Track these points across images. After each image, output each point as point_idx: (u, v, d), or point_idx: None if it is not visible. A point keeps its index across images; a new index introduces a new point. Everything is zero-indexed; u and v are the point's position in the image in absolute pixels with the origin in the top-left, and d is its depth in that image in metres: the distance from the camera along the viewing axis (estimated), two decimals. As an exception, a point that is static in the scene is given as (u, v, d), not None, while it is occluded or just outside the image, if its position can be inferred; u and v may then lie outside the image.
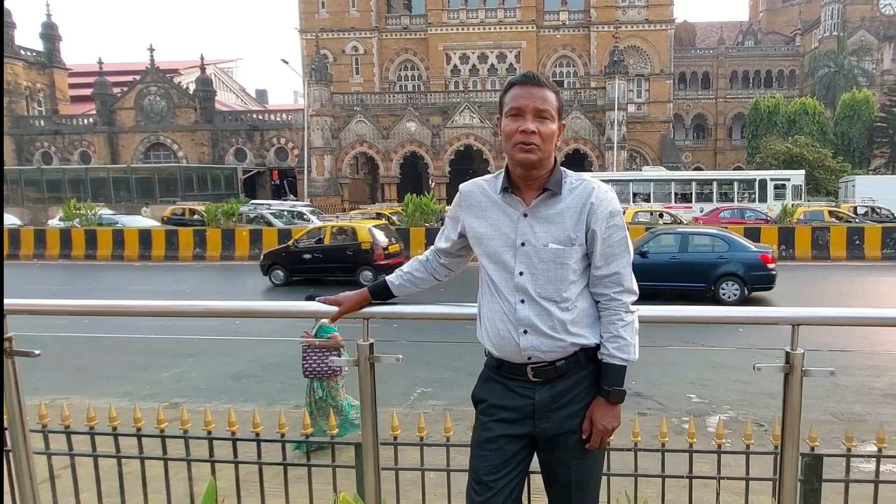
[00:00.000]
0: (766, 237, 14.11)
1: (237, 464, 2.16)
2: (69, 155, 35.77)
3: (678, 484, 2.13)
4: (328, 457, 2.17)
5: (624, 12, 35.39)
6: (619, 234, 1.36)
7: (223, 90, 48.29)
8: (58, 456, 2.20)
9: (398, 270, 1.60)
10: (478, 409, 1.45)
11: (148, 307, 1.73)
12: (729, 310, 1.59)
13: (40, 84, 38.13)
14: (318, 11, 36.34)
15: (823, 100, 35.17)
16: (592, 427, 1.35)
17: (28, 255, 16.18)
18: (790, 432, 1.41)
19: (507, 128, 1.34)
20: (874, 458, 1.96)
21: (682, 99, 41.46)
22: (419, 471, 2.11)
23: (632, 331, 1.36)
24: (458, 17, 35.96)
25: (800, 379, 1.38)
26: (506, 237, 1.36)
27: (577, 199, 1.34)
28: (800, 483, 1.96)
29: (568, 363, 1.36)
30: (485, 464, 1.37)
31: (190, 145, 35.64)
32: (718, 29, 45.87)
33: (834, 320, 1.56)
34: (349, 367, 1.57)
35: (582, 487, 1.40)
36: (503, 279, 1.36)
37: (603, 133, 29.88)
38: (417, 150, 30.92)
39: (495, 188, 1.40)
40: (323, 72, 30.60)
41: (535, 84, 1.33)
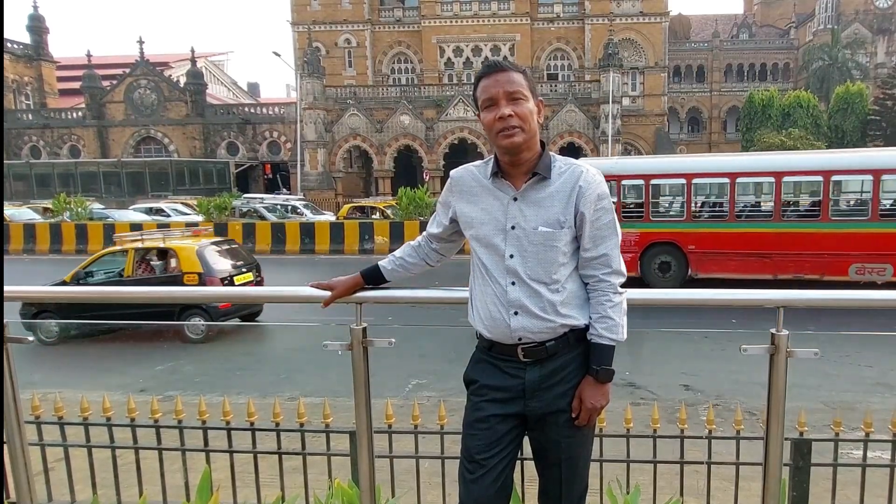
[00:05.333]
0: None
1: (232, 453, 2.16)
2: (58, 149, 35.33)
3: (670, 470, 2.16)
4: (323, 445, 2.17)
5: (618, 5, 35.29)
6: (607, 217, 1.38)
7: (214, 83, 47.81)
8: (52, 447, 2.20)
9: (391, 255, 1.62)
10: (469, 389, 1.47)
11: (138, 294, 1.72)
12: (716, 292, 1.60)
13: (28, 77, 37.59)
14: (311, 3, 35.98)
15: (818, 93, 35.32)
16: (581, 405, 1.38)
17: (18, 250, 16.02)
18: (776, 413, 1.44)
19: (485, 120, 1.36)
20: (861, 442, 1.99)
21: (677, 92, 41.50)
22: (414, 458, 2.13)
23: (620, 312, 1.39)
24: (451, 10, 35.72)
25: (784, 360, 1.41)
26: (496, 221, 1.38)
27: (565, 183, 1.36)
28: (788, 467, 1.99)
29: (558, 343, 1.38)
30: (476, 442, 1.40)
31: (181, 139, 35.30)
32: (713, 22, 45.86)
33: (819, 303, 1.58)
34: (342, 351, 1.57)
35: (572, 465, 1.43)
36: (494, 262, 1.38)
37: (597, 126, 29.88)
38: (411, 144, 30.81)
39: (485, 173, 1.42)
40: (315, 65, 30.34)
41: (499, 70, 1.35)
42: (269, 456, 2.19)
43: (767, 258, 8.95)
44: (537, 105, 1.37)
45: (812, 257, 8.80)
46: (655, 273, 9.39)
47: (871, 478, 1.99)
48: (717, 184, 9.52)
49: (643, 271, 9.38)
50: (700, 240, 9.18)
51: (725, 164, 9.84)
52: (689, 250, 9.20)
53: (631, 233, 9.13)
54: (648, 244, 9.32)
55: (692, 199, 9.34)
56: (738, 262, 9.08)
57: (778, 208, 8.92)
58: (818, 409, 4.18)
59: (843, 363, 5.37)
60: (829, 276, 8.71)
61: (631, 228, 9.12)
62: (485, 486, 1.37)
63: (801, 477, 2.03)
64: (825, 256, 8.72)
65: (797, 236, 8.85)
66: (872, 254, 8.56)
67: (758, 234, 9.04)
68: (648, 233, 9.33)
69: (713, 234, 9.19)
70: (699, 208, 9.64)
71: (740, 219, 9.18)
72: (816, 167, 9.05)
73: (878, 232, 8.51)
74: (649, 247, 9.34)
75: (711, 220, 9.41)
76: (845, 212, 9.05)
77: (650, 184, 9.37)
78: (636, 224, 9.26)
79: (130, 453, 2.20)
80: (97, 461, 2.20)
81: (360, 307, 1.59)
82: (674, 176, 9.59)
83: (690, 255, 9.21)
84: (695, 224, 9.29)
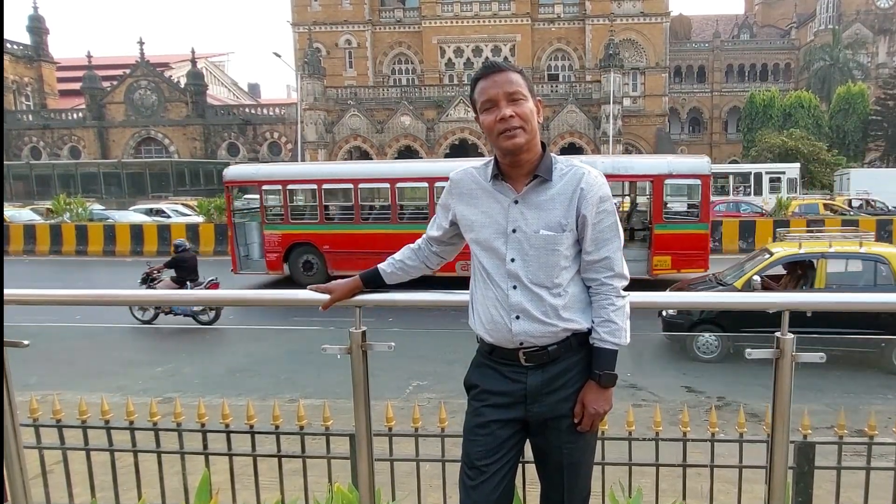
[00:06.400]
0: (762, 230, 14.18)
1: (231, 456, 2.15)
2: (58, 150, 35.38)
3: (672, 473, 2.14)
4: (323, 447, 2.16)
5: (619, 5, 35.30)
6: (610, 220, 1.36)
7: (215, 84, 47.87)
8: (50, 450, 2.19)
9: (390, 258, 1.60)
10: (470, 394, 1.45)
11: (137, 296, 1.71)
12: (720, 295, 1.59)
13: (28, 78, 37.66)
14: (311, 4, 36.02)
15: (819, 93, 35.29)
16: (584, 410, 1.36)
17: (18, 251, 16.02)
18: (780, 417, 1.42)
19: (485, 122, 1.34)
20: (865, 444, 1.98)
21: (678, 92, 41.49)
22: (414, 461, 2.11)
23: (623, 315, 1.37)
24: (452, 10, 35.74)
25: (789, 364, 1.40)
26: (497, 224, 1.36)
27: (567, 185, 1.34)
28: (792, 470, 1.98)
29: (560, 348, 1.36)
30: (477, 448, 1.38)
31: (182, 140, 35.33)
32: (714, 22, 45.85)
33: (824, 305, 1.57)
34: (341, 354, 1.56)
35: (574, 471, 1.41)
36: (495, 266, 1.37)
37: (598, 127, 29.88)
38: (412, 145, 30.82)
39: (486, 176, 1.40)
40: (316, 65, 30.37)
41: (497, 71, 1.33)
42: (269, 459, 2.17)
43: None
44: (536, 105, 1.35)
45: None
46: (301, 272, 10.23)
47: (874, 481, 1.98)
48: (343, 189, 10.49)
49: (291, 270, 10.24)
50: (333, 240, 10.14)
51: (349, 171, 10.98)
52: (325, 250, 10.13)
53: (274, 234, 10.21)
54: (290, 244, 10.17)
55: (323, 203, 10.27)
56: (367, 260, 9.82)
57: (395, 211, 10.01)
58: (822, 411, 4.16)
59: (846, 364, 5.35)
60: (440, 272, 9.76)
61: (274, 230, 10.22)
62: (486, 493, 1.36)
63: (804, 480, 2.01)
64: None
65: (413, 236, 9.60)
66: None
67: (380, 234, 10.00)
68: (289, 234, 10.22)
69: (343, 235, 10.20)
70: (331, 211, 10.65)
71: (366, 221, 10.24)
72: (423, 174, 10.23)
73: None
74: (292, 247, 10.18)
75: (341, 223, 10.45)
76: None
77: (287, 189, 10.29)
78: (278, 226, 10.27)
79: (129, 456, 2.18)
80: (96, 464, 2.18)
81: (360, 310, 1.57)
82: (306, 182, 10.59)
83: (326, 255, 10.12)
84: (327, 226, 10.28)
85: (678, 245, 9.20)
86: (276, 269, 10.27)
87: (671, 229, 9.38)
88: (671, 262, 9.21)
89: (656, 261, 9.33)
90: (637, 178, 10.22)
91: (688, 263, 8.96)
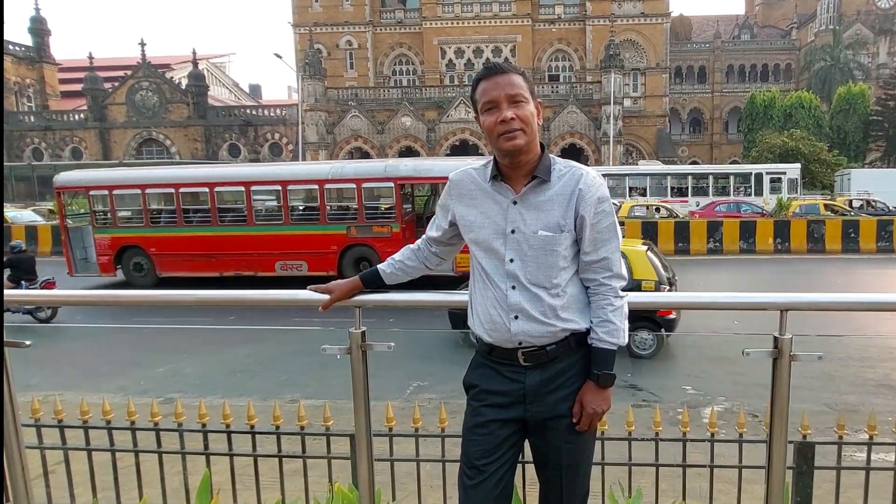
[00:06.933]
0: (762, 231, 14.18)
1: (232, 456, 2.15)
2: (60, 151, 35.45)
3: (672, 473, 2.15)
4: (323, 448, 2.16)
5: (619, 6, 35.31)
6: (608, 220, 1.37)
7: (216, 85, 47.93)
8: (51, 450, 2.19)
9: (390, 258, 1.61)
10: (469, 394, 1.46)
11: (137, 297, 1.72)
12: (717, 296, 1.59)
13: (29, 79, 37.73)
14: (312, 5, 36.07)
15: (819, 93, 35.27)
16: (583, 410, 1.37)
17: (21, 252, 16.01)
18: (779, 416, 1.43)
19: (486, 123, 1.35)
20: (865, 445, 1.98)
21: (679, 93, 41.48)
22: (414, 462, 2.12)
23: (621, 315, 1.37)
24: (452, 11, 35.78)
25: (788, 363, 1.40)
26: (496, 225, 1.37)
27: (565, 186, 1.35)
28: (792, 471, 1.98)
29: (558, 348, 1.37)
30: (476, 448, 1.38)
31: (183, 141, 35.39)
32: (714, 22, 45.85)
33: (822, 305, 1.57)
34: (341, 355, 1.56)
35: (573, 471, 1.41)
36: (494, 266, 1.37)
37: (599, 127, 29.88)
38: (413, 145, 30.84)
39: (485, 176, 1.41)
40: (317, 66, 30.41)
41: (499, 73, 1.33)
42: (270, 459, 2.18)
43: (213, 258, 10.37)
44: (536, 107, 1.36)
45: (246, 256, 10.26)
46: (133, 273, 10.63)
47: (874, 481, 1.98)
48: (165, 193, 10.85)
49: (123, 272, 10.65)
50: (159, 243, 10.53)
51: (170, 176, 11.14)
52: (152, 252, 10.52)
53: (104, 238, 10.55)
54: (120, 247, 10.56)
55: (148, 207, 10.65)
56: (191, 262, 10.43)
57: (215, 214, 10.38)
58: (821, 411, 4.16)
59: (845, 365, 5.34)
60: (261, 272, 10.24)
61: (104, 234, 10.54)
62: (485, 492, 1.36)
63: (804, 480, 2.01)
64: (255, 255, 10.23)
65: (233, 239, 10.33)
66: (290, 252, 10.16)
67: (203, 237, 10.42)
68: (118, 237, 10.56)
69: (168, 238, 10.56)
70: (156, 215, 10.95)
71: (190, 223, 10.59)
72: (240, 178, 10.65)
73: (292, 234, 10.20)
74: (123, 250, 10.57)
75: (166, 226, 10.76)
76: (266, 217, 10.66)
77: (113, 194, 10.56)
78: (108, 230, 10.56)
79: (130, 456, 2.19)
80: (97, 464, 2.19)
81: (360, 311, 1.58)
82: (131, 186, 10.86)
83: (154, 257, 10.52)
84: (153, 229, 10.62)
85: None
86: (108, 272, 10.67)
87: None
88: None
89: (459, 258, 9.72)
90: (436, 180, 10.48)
91: None
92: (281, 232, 10.23)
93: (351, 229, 10.12)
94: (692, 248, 14.12)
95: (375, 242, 10.06)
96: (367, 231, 10.09)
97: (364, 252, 10.20)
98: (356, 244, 10.14)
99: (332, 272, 10.07)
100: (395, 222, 10.06)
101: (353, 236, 10.13)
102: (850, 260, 13.13)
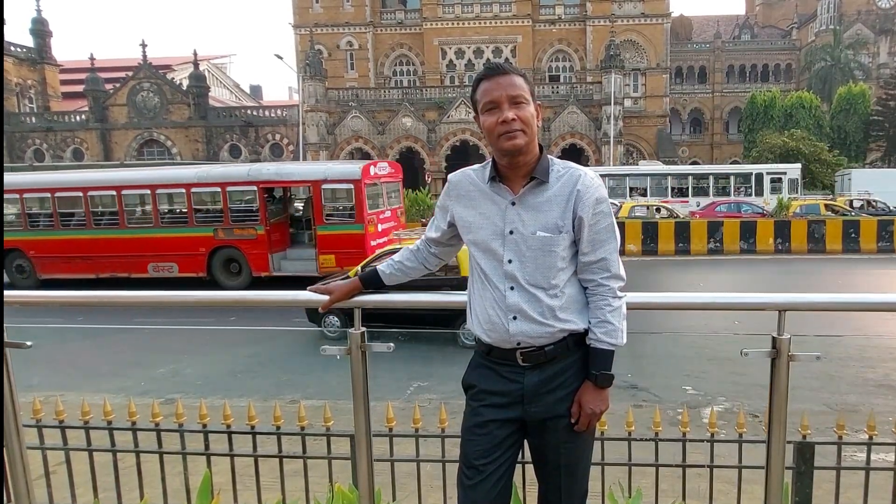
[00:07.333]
0: (763, 231, 14.17)
1: (233, 457, 2.16)
2: (61, 152, 35.47)
3: (672, 473, 2.15)
4: (324, 448, 2.17)
5: (620, 6, 35.30)
6: (606, 221, 1.37)
7: (217, 86, 47.94)
8: (53, 451, 2.20)
9: (389, 259, 1.61)
10: (468, 394, 1.46)
11: (138, 297, 1.72)
12: (715, 296, 1.59)
13: (31, 80, 37.76)
14: (312, 6, 36.09)
15: (820, 94, 35.22)
16: (581, 410, 1.37)
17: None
18: (777, 417, 1.43)
19: (486, 123, 1.35)
20: (865, 445, 1.98)
21: (679, 93, 41.45)
22: (414, 462, 2.12)
23: (619, 316, 1.38)
24: (453, 12, 35.78)
25: (786, 364, 1.41)
26: (494, 226, 1.38)
27: (563, 187, 1.35)
28: (792, 471, 1.98)
29: (557, 348, 1.37)
30: (475, 448, 1.39)
31: (184, 142, 35.41)
32: (715, 23, 45.82)
33: (820, 305, 1.58)
34: (341, 356, 1.57)
35: (571, 471, 1.42)
36: (492, 267, 1.38)
37: (599, 128, 29.87)
38: (413, 146, 30.84)
39: (483, 177, 1.41)
40: (317, 67, 30.42)
41: (501, 73, 1.34)
42: (270, 459, 2.18)
43: (89, 260, 10.69)
44: (536, 109, 1.37)
45: (120, 258, 10.56)
46: (16, 275, 10.90)
47: (874, 481, 1.98)
48: (41, 198, 11.07)
49: (7, 274, 10.86)
50: (37, 246, 10.77)
51: (46, 181, 11.62)
52: (32, 255, 10.80)
53: None
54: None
55: (26, 211, 10.85)
56: (69, 264, 10.69)
57: (89, 217, 10.71)
58: (821, 412, 4.16)
59: (845, 365, 5.34)
60: (134, 274, 10.62)
61: None
62: (483, 492, 1.36)
63: (804, 480, 2.01)
64: (129, 257, 10.52)
65: (107, 241, 10.66)
66: (161, 254, 10.52)
67: (79, 240, 10.67)
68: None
69: (46, 241, 10.78)
70: (35, 218, 11.12)
71: (67, 227, 10.84)
72: (112, 183, 10.96)
73: (162, 237, 10.55)
74: (6, 252, 10.74)
75: (44, 229, 10.96)
76: (138, 220, 10.92)
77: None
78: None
79: (131, 457, 2.20)
80: (98, 464, 2.20)
81: (359, 311, 1.58)
82: (9, 191, 11.06)
83: (34, 260, 10.79)
84: (32, 232, 10.83)
85: (339, 244, 10.00)
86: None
87: (332, 230, 10.21)
88: (335, 261, 9.86)
89: (322, 259, 10.09)
90: (297, 183, 11.09)
91: (350, 261, 9.28)
92: (152, 234, 10.57)
93: (218, 232, 10.49)
94: (693, 249, 14.11)
95: (241, 244, 10.42)
96: (233, 233, 10.48)
97: (232, 254, 10.57)
98: (223, 246, 10.50)
99: (202, 273, 10.50)
100: (260, 224, 10.38)
101: (220, 238, 10.49)
102: (851, 260, 13.12)
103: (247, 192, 10.57)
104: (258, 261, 10.41)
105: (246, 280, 10.54)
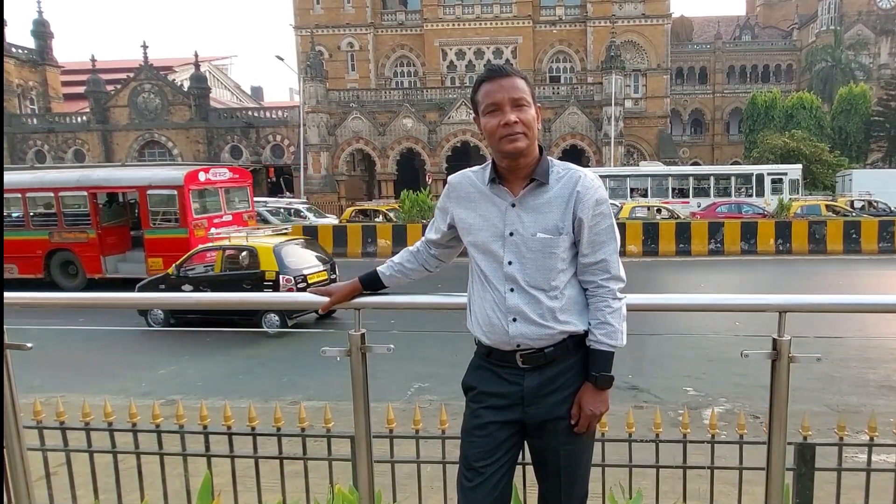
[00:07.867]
0: (763, 232, 14.16)
1: (233, 458, 2.16)
2: (63, 153, 35.52)
3: (672, 475, 2.15)
4: (324, 450, 2.17)
5: (620, 7, 35.31)
6: (606, 222, 1.37)
7: (218, 87, 48.00)
8: (53, 452, 2.20)
9: (389, 261, 1.61)
10: (468, 396, 1.46)
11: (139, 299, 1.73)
12: (716, 297, 1.59)
13: (32, 82, 37.82)
14: (313, 7, 36.14)
15: (820, 94, 35.22)
16: (581, 412, 1.37)
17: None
18: (778, 418, 1.43)
19: (488, 125, 1.35)
20: (866, 446, 1.98)
21: (680, 94, 41.45)
22: (415, 463, 2.12)
23: (619, 317, 1.38)
24: (453, 13, 35.81)
25: (787, 365, 1.41)
26: (494, 227, 1.38)
27: (563, 189, 1.35)
28: (793, 472, 1.97)
29: (556, 350, 1.37)
30: (475, 450, 1.39)
31: (185, 143, 35.45)
32: (715, 23, 45.83)
33: (821, 307, 1.58)
34: (341, 357, 1.57)
35: (571, 472, 1.42)
36: (492, 269, 1.38)
37: (600, 128, 29.86)
38: (414, 147, 30.85)
39: (483, 179, 1.41)
40: (318, 68, 30.45)
41: (503, 75, 1.34)
42: (271, 461, 2.18)
43: None
44: (537, 111, 1.38)
45: None
46: None
47: (875, 482, 1.97)
48: None
49: None
50: None
51: None
52: None
53: None
54: None
55: None
56: None
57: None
58: (822, 413, 4.15)
59: (846, 366, 5.33)
60: None
61: None
62: (483, 494, 1.36)
63: (804, 482, 2.01)
64: None
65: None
66: None
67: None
68: None
69: None
70: None
71: None
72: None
73: None
74: None
75: None
76: None
77: None
78: None
79: (132, 458, 2.20)
80: (99, 466, 2.20)
81: (359, 313, 1.58)
82: None
83: None
84: None
85: (165, 248, 10.26)
86: None
87: (158, 234, 10.57)
88: (163, 263, 9.95)
89: (151, 262, 10.39)
90: (124, 188, 11.28)
91: None
92: None
93: (53, 235, 10.89)
94: (693, 249, 14.10)
95: (75, 247, 10.78)
96: (67, 236, 10.83)
97: (67, 256, 10.88)
98: (59, 248, 10.87)
99: (40, 275, 10.82)
100: (91, 228, 10.74)
101: (55, 241, 10.89)
102: (852, 261, 13.10)
103: (78, 196, 10.94)
104: (91, 263, 10.79)
105: (82, 282, 10.88)
